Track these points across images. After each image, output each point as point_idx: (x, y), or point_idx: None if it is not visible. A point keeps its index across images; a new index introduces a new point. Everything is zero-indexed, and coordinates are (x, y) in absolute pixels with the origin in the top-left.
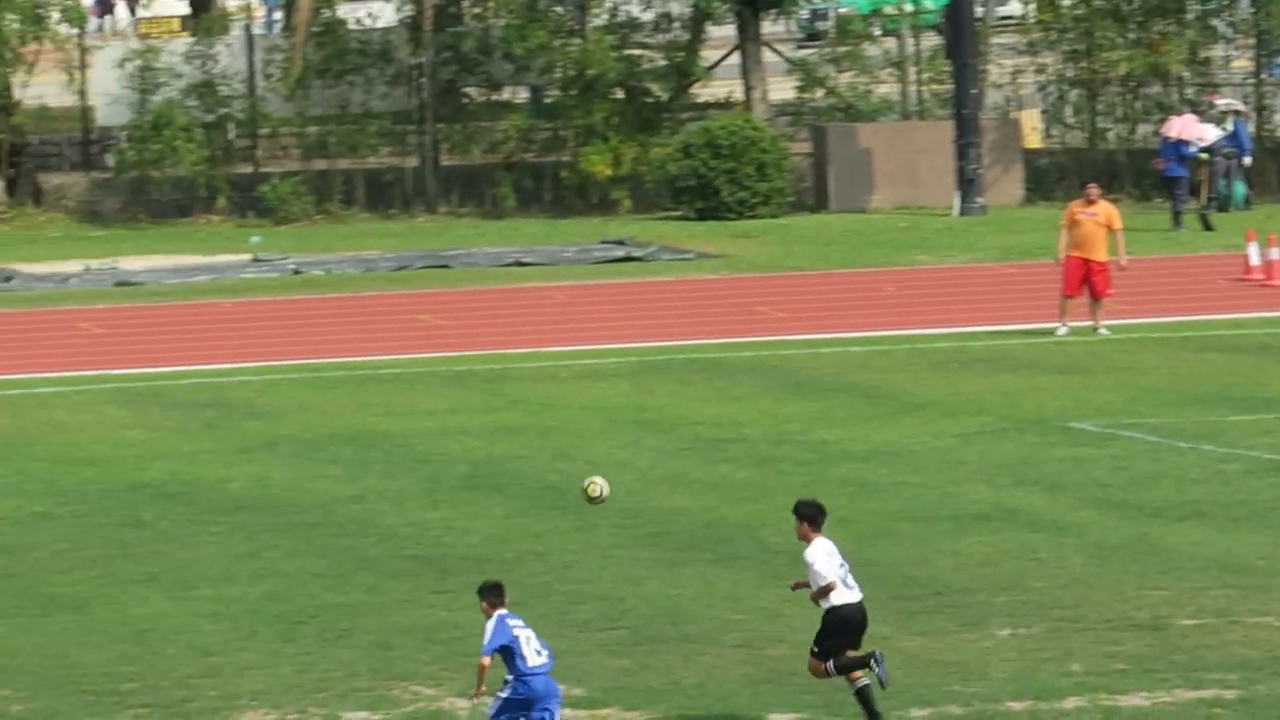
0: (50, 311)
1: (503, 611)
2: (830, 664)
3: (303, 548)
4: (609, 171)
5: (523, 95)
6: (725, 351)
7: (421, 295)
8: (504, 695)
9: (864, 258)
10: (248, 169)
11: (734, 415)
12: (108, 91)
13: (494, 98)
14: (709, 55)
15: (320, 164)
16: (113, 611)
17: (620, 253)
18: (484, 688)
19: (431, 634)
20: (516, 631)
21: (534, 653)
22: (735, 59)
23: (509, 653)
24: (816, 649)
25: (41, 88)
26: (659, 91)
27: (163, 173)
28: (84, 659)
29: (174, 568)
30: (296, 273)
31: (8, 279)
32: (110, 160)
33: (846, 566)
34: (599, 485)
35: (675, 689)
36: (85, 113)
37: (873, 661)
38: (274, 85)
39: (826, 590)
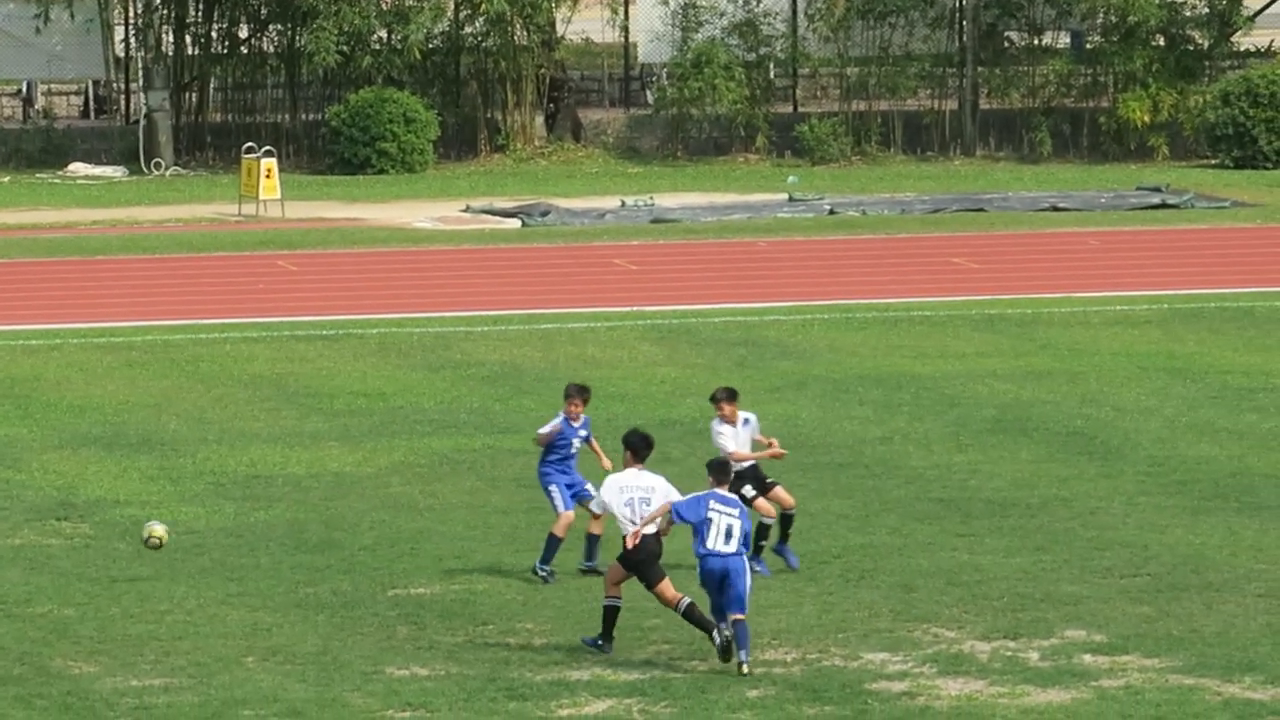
0: (585, 247)
1: (718, 491)
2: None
3: (829, 488)
4: (1147, 118)
5: (1063, 40)
6: (1257, 300)
7: (955, 238)
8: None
9: None
10: (786, 109)
11: (1264, 364)
12: (650, 29)
13: (1035, 42)
14: (1251, 4)
15: (859, 105)
16: None
17: (1156, 200)
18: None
19: (954, 577)
20: (711, 515)
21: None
22: (1277, 8)
23: (696, 532)
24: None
25: (584, 23)
26: (1200, 39)
27: (702, 111)
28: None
29: None
30: (832, 213)
31: (545, 213)
32: (650, 97)
33: (636, 501)
34: (155, 534)
35: (1195, 637)
36: (627, 49)
37: (717, 632)
38: (815, 25)
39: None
